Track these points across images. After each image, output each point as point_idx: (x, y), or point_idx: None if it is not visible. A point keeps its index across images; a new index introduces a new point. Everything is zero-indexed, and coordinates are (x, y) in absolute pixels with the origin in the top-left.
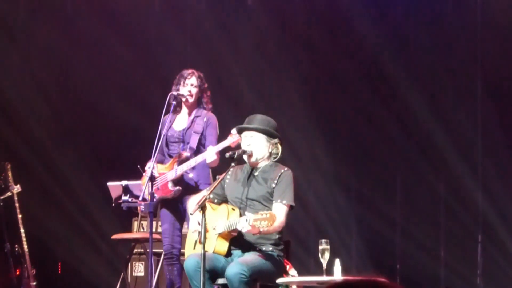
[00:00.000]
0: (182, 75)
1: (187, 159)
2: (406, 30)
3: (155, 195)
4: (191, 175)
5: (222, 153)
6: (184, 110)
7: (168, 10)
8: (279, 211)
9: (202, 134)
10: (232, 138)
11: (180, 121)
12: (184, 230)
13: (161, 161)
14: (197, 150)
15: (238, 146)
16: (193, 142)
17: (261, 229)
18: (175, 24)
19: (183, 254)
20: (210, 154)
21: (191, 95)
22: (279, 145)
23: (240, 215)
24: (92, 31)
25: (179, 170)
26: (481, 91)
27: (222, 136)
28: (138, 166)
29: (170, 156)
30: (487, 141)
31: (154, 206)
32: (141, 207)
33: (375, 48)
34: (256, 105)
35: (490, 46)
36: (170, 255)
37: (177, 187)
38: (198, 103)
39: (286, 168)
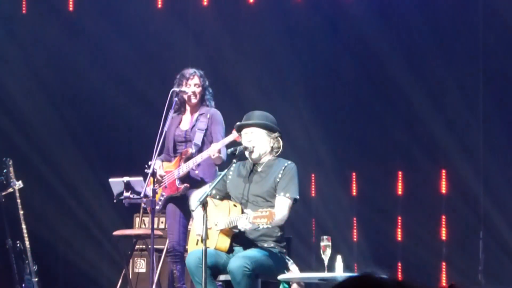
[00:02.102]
0: (183, 75)
1: (192, 156)
2: (407, 26)
3: (163, 193)
4: (197, 171)
5: (228, 149)
6: (190, 109)
7: (170, 8)
8: (282, 204)
9: (206, 130)
10: (236, 133)
11: (187, 121)
12: (189, 227)
13: (167, 160)
14: (202, 147)
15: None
16: (198, 139)
17: (260, 226)
18: (177, 22)
19: (187, 251)
20: (213, 151)
21: (195, 95)
22: (280, 139)
23: (242, 212)
24: (94, 29)
25: (185, 167)
26: (483, 86)
27: (226, 133)
28: (146, 166)
29: (177, 156)
30: (489, 137)
31: (162, 205)
32: (143, 204)
33: (376, 44)
34: (258, 102)
35: (492, 41)
36: (174, 252)
37: (185, 185)
38: (201, 101)
39: (289, 162)
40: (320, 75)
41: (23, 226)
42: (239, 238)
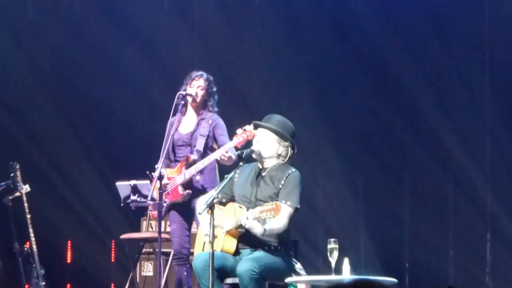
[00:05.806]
0: (190, 76)
1: (194, 162)
2: (414, 29)
3: (166, 200)
4: (198, 177)
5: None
6: (190, 112)
7: (176, 10)
8: (283, 213)
9: (208, 136)
10: (237, 139)
11: (186, 124)
12: (193, 230)
13: (168, 166)
14: (204, 153)
15: (245, 146)
16: (200, 145)
17: (267, 220)
18: (183, 24)
19: (192, 254)
20: (220, 154)
21: (197, 97)
22: (289, 149)
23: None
24: (100, 31)
25: (187, 173)
26: (489, 89)
27: (229, 137)
28: (147, 172)
29: (177, 161)
30: (495, 140)
31: (165, 211)
32: (150, 207)
33: (383, 48)
34: (264, 106)
35: (498, 43)
36: (179, 255)
37: (187, 191)
38: (204, 106)
39: (294, 169)
40: (327, 78)
41: (30, 230)
42: (245, 241)
